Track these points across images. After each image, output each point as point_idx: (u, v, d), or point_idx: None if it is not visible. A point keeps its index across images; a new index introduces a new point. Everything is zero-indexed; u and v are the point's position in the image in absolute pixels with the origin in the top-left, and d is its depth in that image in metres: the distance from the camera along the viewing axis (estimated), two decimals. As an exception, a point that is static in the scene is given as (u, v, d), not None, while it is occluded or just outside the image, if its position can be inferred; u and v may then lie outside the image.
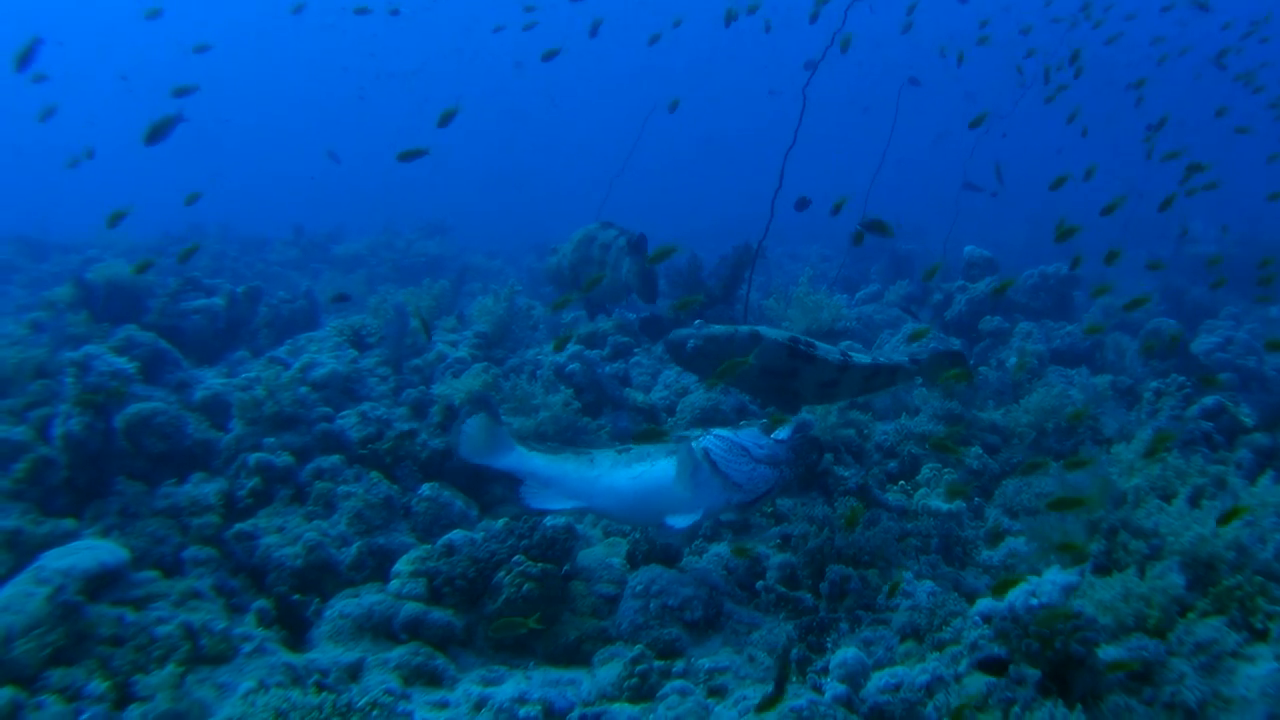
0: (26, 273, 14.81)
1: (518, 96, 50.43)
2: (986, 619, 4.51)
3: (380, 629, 4.93)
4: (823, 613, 5.10)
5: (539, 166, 45.16)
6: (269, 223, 21.02)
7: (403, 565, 5.27)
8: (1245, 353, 10.58)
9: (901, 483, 7.10)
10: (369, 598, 5.08)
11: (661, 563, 5.50)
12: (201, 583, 5.04)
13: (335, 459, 6.36)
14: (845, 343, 9.98)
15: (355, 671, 4.58)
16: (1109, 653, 4.13)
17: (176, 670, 3.95)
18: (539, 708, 4.18)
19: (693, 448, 5.10)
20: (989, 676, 4.06)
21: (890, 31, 15.68)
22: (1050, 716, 3.73)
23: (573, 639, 4.98)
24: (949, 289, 11.82)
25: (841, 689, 4.27)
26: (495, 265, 18.36)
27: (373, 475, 6.26)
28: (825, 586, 5.23)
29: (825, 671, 4.46)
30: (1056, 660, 3.99)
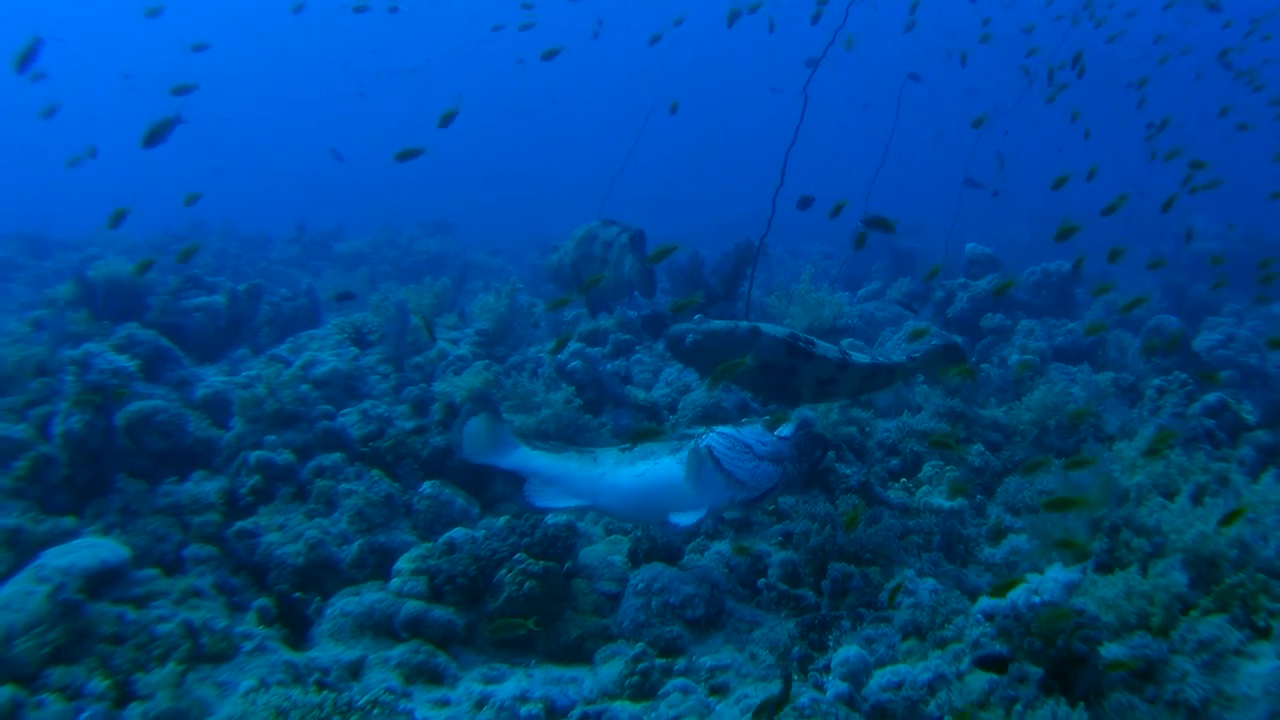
0: (29, 270, 14.80)
1: (519, 94, 50.47)
2: (989, 617, 4.50)
3: (381, 627, 4.92)
4: (825, 610, 5.10)
5: (541, 164, 45.21)
6: (271, 220, 21.04)
7: (404, 563, 5.26)
8: (1247, 350, 10.55)
9: (904, 480, 7.09)
10: (370, 596, 5.07)
11: (663, 560, 5.49)
12: (202, 581, 5.04)
13: (336, 457, 6.35)
14: (847, 340, 9.97)
15: (356, 670, 4.58)
16: (1111, 651, 4.13)
17: (177, 669, 3.95)
18: (540, 706, 4.17)
19: (697, 446, 5.09)
20: (990, 674, 4.06)
21: (892, 28, 15.68)
22: (1053, 715, 3.72)
23: (574, 637, 4.98)
24: (951, 286, 11.79)
25: (844, 687, 4.26)
26: (497, 263, 18.36)
27: (374, 473, 6.26)
28: (827, 584, 5.23)
29: (827, 669, 4.46)
30: (1059, 658, 3.98)
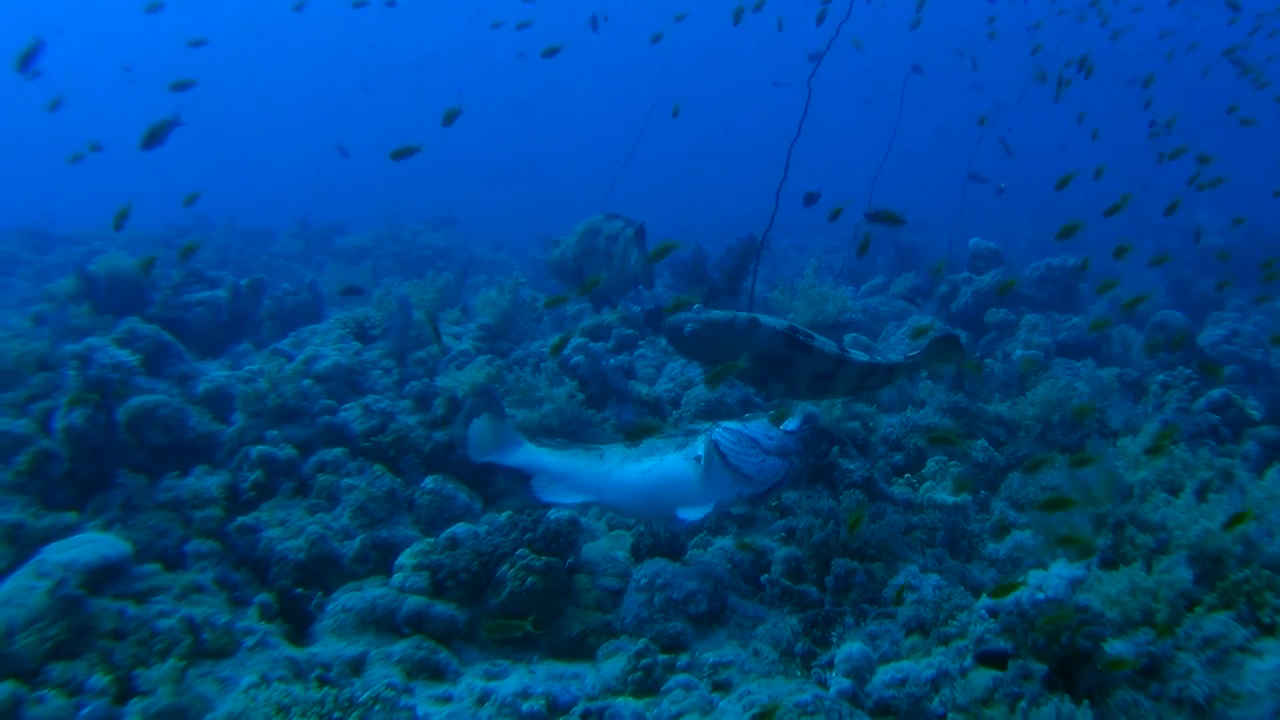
0: (31, 265, 14.81)
1: (522, 89, 50.47)
2: (993, 613, 4.49)
3: (383, 623, 4.91)
4: (828, 607, 5.08)
5: (544, 159, 45.19)
6: (274, 215, 21.03)
7: (406, 559, 5.25)
8: (1252, 345, 10.52)
9: (907, 476, 7.07)
10: (372, 591, 5.06)
11: (666, 556, 5.48)
12: (204, 576, 5.03)
13: (338, 452, 6.33)
14: (850, 335, 9.94)
15: (358, 666, 4.57)
16: (1115, 647, 4.11)
17: (178, 664, 3.94)
18: (542, 702, 4.16)
19: (710, 440, 5.08)
20: (992, 670, 4.04)
21: (895, 22, 15.64)
22: (1056, 711, 3.71)
23: (577, 633, 4.96)
24: (954, 281, 11.75)
25: (847, 684, 4.25)
26: (501, 257, 18.35)
27: (376, 468, 6.24)
28: (830, 580, 5.21)
29: (830, 666, 4.44)
30: (1063, 655, 3.97)
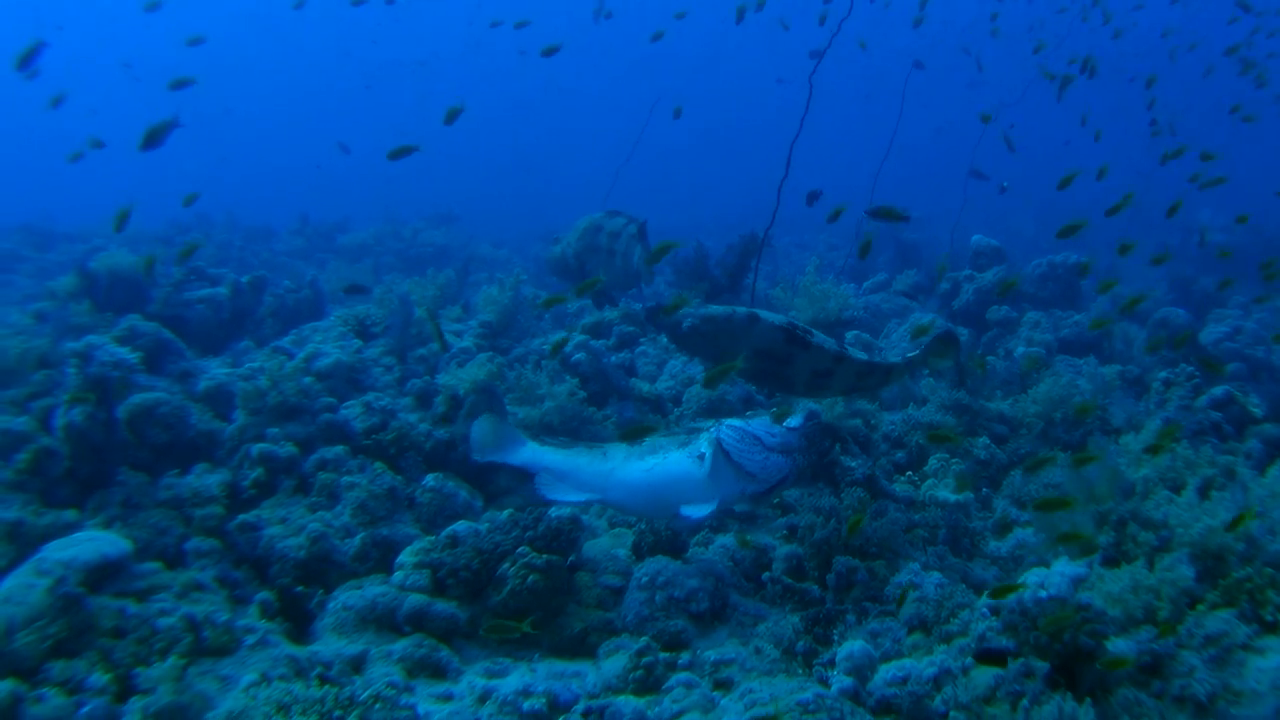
0: (32, 262, 14.80)
1: (523, 86, 50.42)
2: (995, 611, 4.49)
3: (384, 621, 4.90)
4: (829, 605, 5.07)
5: (545, 156, 45.15)
6: (275, 212, 21.01)
7: (407, 557, 5.24)
8: (1254, 342, 10.50)
9: (909, 473, 7.06)
10: (372, 589, 5.05)
11: (667, 554, 5.47)
12: (204, 574, 5.03)
13: (339, 449, 6.32)
14: (852, 333, 9.92)
15: (359, 664, 4.56)
16: (1117, 646, 4.10)
17: (178, 663, 3.93)
18: (543, 700, 4.15)
19: (716, 438, 5.08)
20: (992, 668, 4.03)
21: (896, 20, 15.61)
22: (1059, 710, 3.70)
23: (578, 631, 4.95)
24: (956, 278, 11.73)
25: (848, 682, 4.24)
26: (502, 255, 18.33)
27: (377, 466, 6.24)
28: (832, 578, 5.20)
29: (832, 664, 4.43)
30: (1065, 653, 3.97)
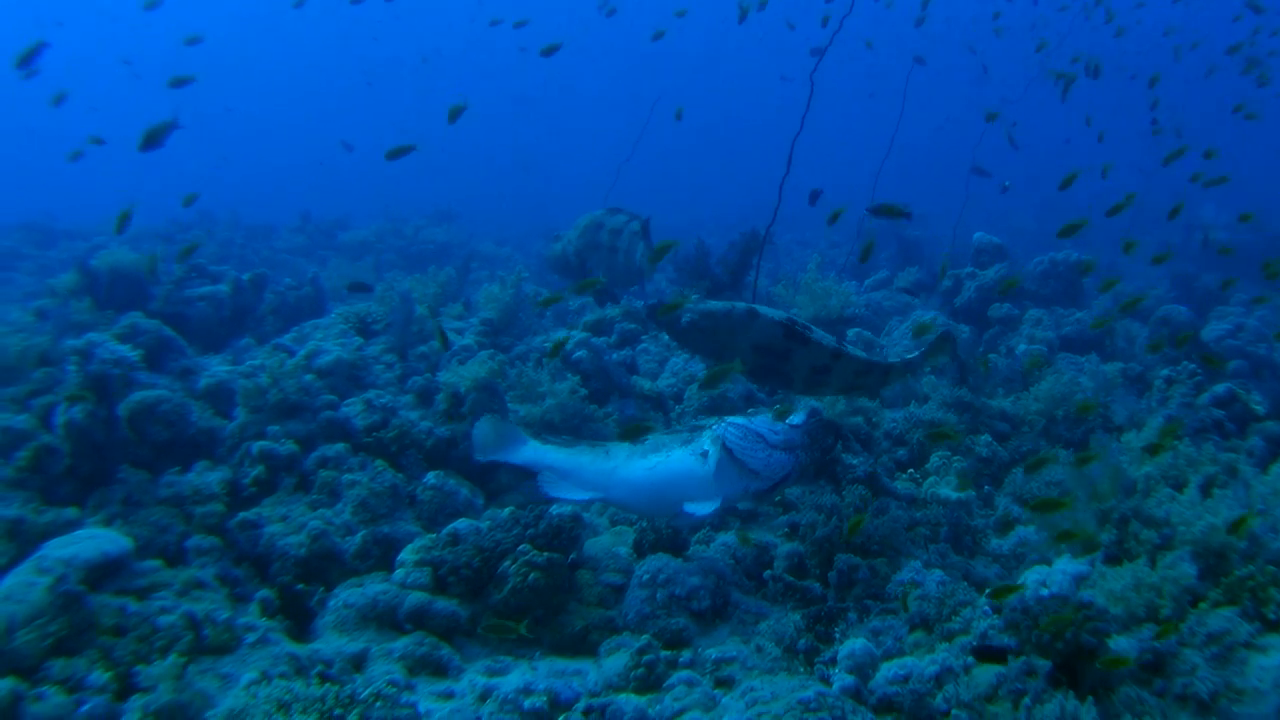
0: (33, 260, 14.82)
1: (525, 83, 50.39)
2: (996, 609, 4.47)
3: (385, 619, 4.90)
4: (831, 602, 5.06)
5: (546, 153, 45.11)
6: (277, 209, 21.01)
7: (408, 554, 5.24)
8: (1256, 339, 10.48)
9: (910, 471, 7.05)
10: (373, 587, 5.04)
11: (668, 552, 5.46)
12: (205, 572, 5.02)
13: (340, 447, 6.32)
14: (854, 330, 9.92)
15: (359, 662, 4.56)
16: (1119, 644, 4.09)
17: (179, 661, 3.92)
18: (544, 698, 4.14)
19: (719, 435, 5.07)
20: (989, 665, 4.02)
21: (898, 16, 15.58)
22: (1061, 708, 3.69)
23: (579, 629, 4.95)
24: (958, 275, 11.72)
25: (850, 680, 4.23)
26: (504, 252, 18.34)
27: (378, 463, 6.23)
28: (834, 576, 5.19)
29: (833, 662, 4.42)
30: (1067, 651, 3.95)
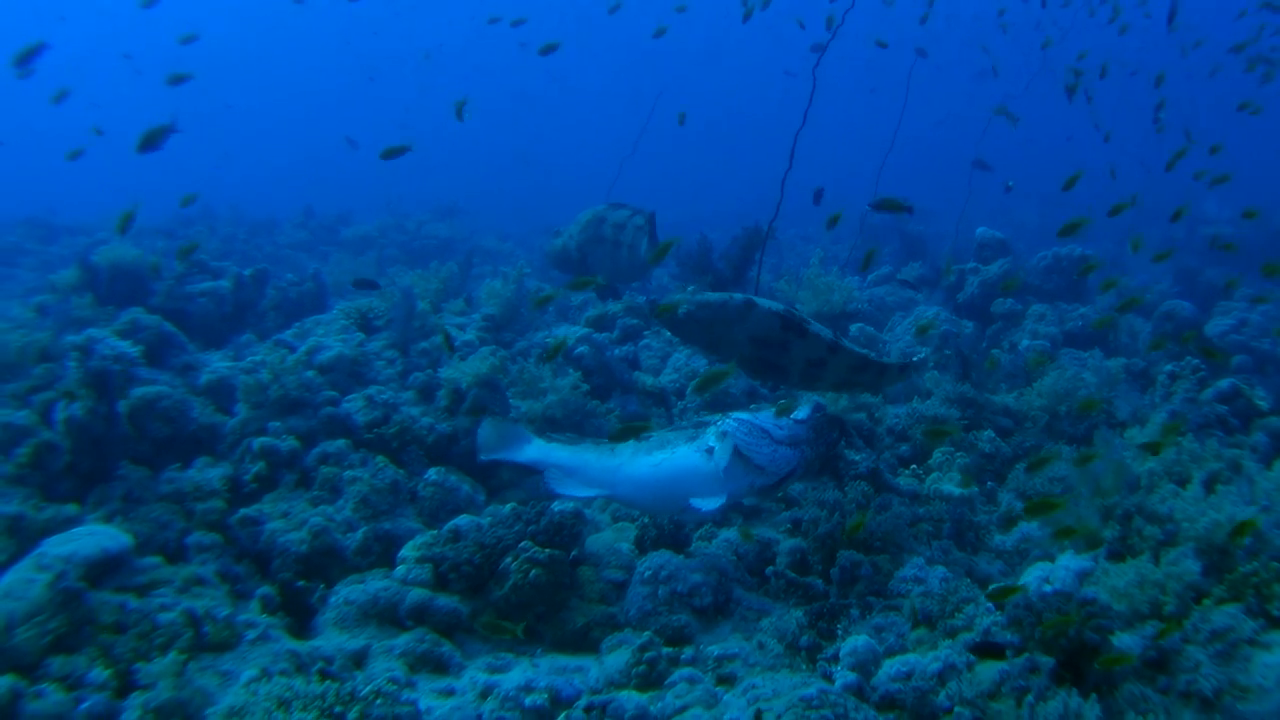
0: (35, 255, 14.81)
1: (527, 79, 50.35)
2: (999, 606, 4.46)
3: (386, 615, 4.88)
4: (833, 599, 5.04)
5: (549, 149, 45.07)
6: (279, 205, 20.99)
7: (409, 551, 5.22)
8: (1260, 335, 10.46)
9: (913, 467, 7.03)
10: (374, 584, 5.03)
11: (670, 548, 5.45)
12: (205, 569, 5.01)
13: (341, 443, 6.31)
14: (856, 326, 9.91)
15: (360, 659, 4.55)
16: (1123, 641, 4.08)
17: (179, 658, 3.91)
18: (546, 696, 4.13)
19: (726, 430, 5.05)
20: (993, 661, 4.01)
21: (900, 12, 15.53)
22: (1064, 705, 3.68)
23: (580, 625, 4.93)
24: (961, 270, 11.70)
25: (852, 677, 4.21)
26: (506, 248, 18.34)
27: (379, 459, 6.22)
28: (836, 572, 5.18)
29: (836, 659, 4.41)
30: (1070, 648, 3.94)
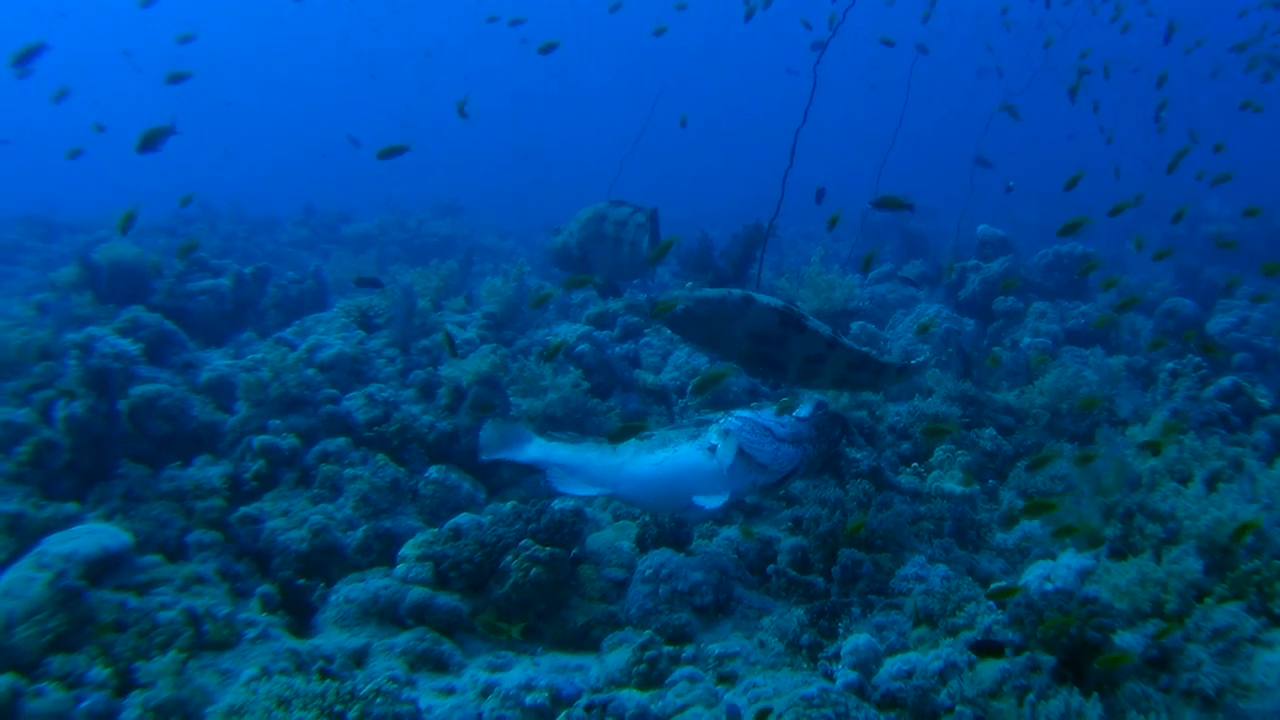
0: (35, 253, 14.80)
1: (528, 77, 50.34)
2: (1001, 604, 4.45)
3: (386, 614, 4.88)
4: (834, 597, 5.03)
5: (550, 147, 45.05)
6: (280, 202, 20.99)
7: (409, 549, 5.22)
8: (1261, 333, 10.44)
9: (915, 465, 7.02)
10: (375, 582, 5.03)
11: (671, 546, 5.44)
12: (205, 567, 5.00)
13: (341, 441, 6.30)
14: (858, 324, 9.90)
15: (360, 658, 4.54)
16: (1124, 639, 4.07)
17: (179, 657, 3.90)
18: (546, 694, 4.12)
19: (729, 428, 5.05)
20: (992, 659, 4.00)
21: (901, 9, 15.53)
22: (1065, 705, 3.67)
23: (581, 624, 4.93)
24: (963, 268, 11.68)
25: (853, 676, 4.21)
26: (507, 246, 18.33)
27: (379, 458, 6.21)
28: (837, 570, 5.17)
29: (837, 658, 4.40)
30: (1072, 647, 3.93)
